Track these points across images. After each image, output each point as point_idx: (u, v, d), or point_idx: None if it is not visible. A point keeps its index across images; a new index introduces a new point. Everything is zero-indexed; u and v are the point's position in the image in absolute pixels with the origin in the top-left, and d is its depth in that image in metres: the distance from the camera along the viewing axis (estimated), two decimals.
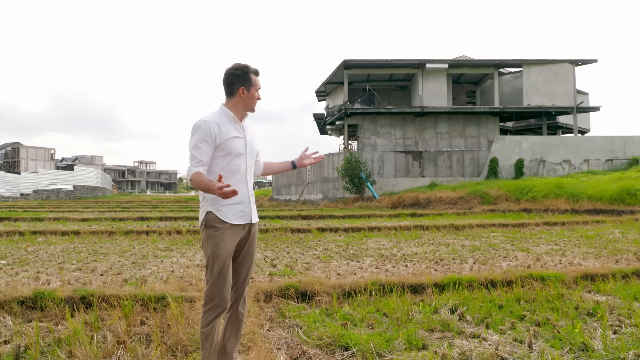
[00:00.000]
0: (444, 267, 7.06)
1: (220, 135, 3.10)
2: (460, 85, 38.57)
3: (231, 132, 3.15)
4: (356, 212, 19.74)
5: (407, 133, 32.06)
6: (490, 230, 12.50)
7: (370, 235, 11.47)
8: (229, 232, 3.13)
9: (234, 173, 3.18)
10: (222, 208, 3.13)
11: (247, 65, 3.22)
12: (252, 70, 3.22)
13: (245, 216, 3.20)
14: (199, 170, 3.04)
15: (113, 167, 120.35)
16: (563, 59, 32.01)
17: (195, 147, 3.07)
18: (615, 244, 9.40)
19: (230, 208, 3.14)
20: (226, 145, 3.12)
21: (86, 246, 9.45)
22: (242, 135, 3.21)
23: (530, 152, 29.92)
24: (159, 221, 15.76)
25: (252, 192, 3.34)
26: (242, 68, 3.20)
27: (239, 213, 3.17)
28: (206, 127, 3.07)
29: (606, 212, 17.27)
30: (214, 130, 3.08)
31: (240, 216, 3.17)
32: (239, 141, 3.18)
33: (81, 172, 51.37)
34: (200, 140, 3.07)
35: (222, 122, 3.14)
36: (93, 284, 5.70)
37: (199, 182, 3.03)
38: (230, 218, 3.13)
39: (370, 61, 31.85)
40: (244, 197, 3.20)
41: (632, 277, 5.84)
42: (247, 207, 3.23)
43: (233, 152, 3.15)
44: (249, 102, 3.24)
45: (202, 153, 3.06)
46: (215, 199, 3.12)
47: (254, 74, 3.22)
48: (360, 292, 5.12)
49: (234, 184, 3.09)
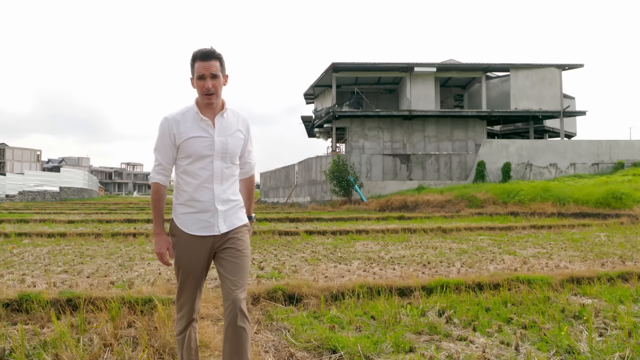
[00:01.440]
0: (432, 270, 7.08)
1: (178, 135, 2.79)
2: (448, 88, 38.76)
3: (191, 131, 2.79)
4: (344, 215, 19.76)
5: (395, 136, 32.14)
6: (478, 234, 12.56)
7: (358, 238, 11.48)
8: (190, 242, 2.83)
9: (195, 177, 2.82)
10: (182, 216, 2.86)
11: (196, 50, 2.82)
12: (194, 54, 2.81)
13: (208, 227, 2.82)
14: (157, 182, 2.86)
15: (100, 168, 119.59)
16: (550, 64, 32.27)
17: (156, 148, 2.86)
18: (601, 247, 9.48)
19: (189, 217, 2.84)
20: (185, 147, 2.79)
21: (72, 248, 9.38)
22: (207, 134, 2.81)
23: (518, 156, 30.11)
24: (146, 223, 15.68)
25: (233, 199, 2.93)
26: (192, 56, 2.83)
27: (199, 223, 2.82)
28: (165, 126, 2.81)
29: (592, 216, 17.42)
30: (172, 129, 2.79)
31: (201, 227, 2.82)
32: (201, 141, 2.79)
33: (67, 173, 51.02)
34: (160, 140, 2.83)
35: (184, 119, 2.81)
36: (79, 287, 5.65)
37: (152, 199, 2.88)
38: (189, 228, 2.82)
39: (358, 64, 31.90)
40: (207, 205, 2.81)
41: (618, 280, 5.89)
42: (213, 217, 2.83)
43: (193, 155, 2.79)
44: (197, 91, 2.85)
45: (162, 155, 2.84)
46: (177, 204, 2.88)
47: (197, 59, 2.79)
48: (348, 294, 5.12)
49: (193, 190, 2.81)
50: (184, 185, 2.83)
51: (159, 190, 2.88)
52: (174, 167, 2.90)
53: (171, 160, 2.85)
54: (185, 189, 2.82)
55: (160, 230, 2.87)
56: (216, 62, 2.78)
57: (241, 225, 2.96)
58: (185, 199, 2.83)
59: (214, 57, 2.78)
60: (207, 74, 2.75)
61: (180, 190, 2.86)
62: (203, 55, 2.76)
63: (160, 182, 2.87)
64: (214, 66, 2.77)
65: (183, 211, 2.84)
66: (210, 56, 2.77)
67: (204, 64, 2.75)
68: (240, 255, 2.90)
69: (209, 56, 2.77)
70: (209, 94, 2.77)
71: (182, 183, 2.84)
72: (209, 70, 2.75)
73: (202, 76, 2.75)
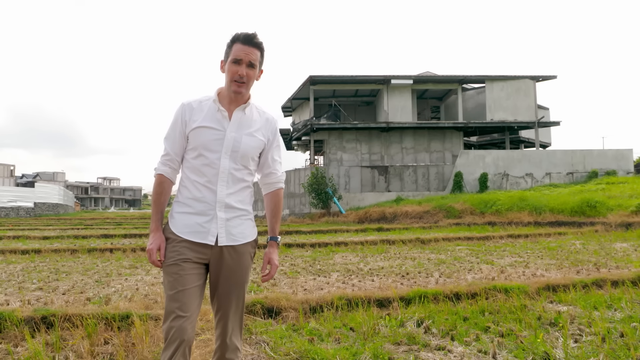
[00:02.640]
0: (410, 281, 7.11)
1: (190, 123, 2.50)
2: (425, 100, 39.15)
3: (203, 120, 2.49)
4: (323, 228, 19.75)
5: (373, 148, 32.34)
6: (456, 244, 12.65)
7: (336, 250, 11.48)
8: (182, 245, 2.47)
9: (199, 175, 2.50)
10: (176, 215, 2.53)
11: (239, 32, 2.51)
12: (236, 35, 2.49)
13: (203, 233, 2.46)
14: (162, 173, 2.56)
15: (76, 183, 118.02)
16: (524, 75, 32.82)
17: (166, 137, 2.58)
18: (577, 255, 9.61)
19: (183, 217, 2.50)
20: (193, 137, 2.50)
21: (47, 265, 9.23)
22: (219, 126, 2.49)
23: (494, 166, 30.45)
24: (123, 238, 15.50)
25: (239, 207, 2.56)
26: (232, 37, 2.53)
27: (194, 226, 2.47)
28: (179, 111, 2.54)
29: (568, 224, 17.66)
30: (185, 116, 2.52)
31: (193, 230, 2.47)
32: (210, 133, 2.48)
33: (42, 189, 50.22)
34: (172, 127, 2.56)
35: (200, 107, 2.53)
36: (55, 304, 5.56)
37: (154, 192, 2.59)
38: (180, 229, 2.49)
39: (336, 77, 32.09)
40: (206, 208, 2.48)
41: (592, 287, 5.98)
42: (210, 223, 2.47)
43: (199, 147, 2.48)
44: (225, 79, 2.53)
45: (171, 144, 2.55)
46: (176, 202, 2.57)
47: (238, 41, 2.47)
48: (326, 307, 5.12)
49: (195, 189, 2.50)
50: (187, 182, 2.54)
51: (162, 183, 2.57)
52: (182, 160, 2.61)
53: (180, 151, 2.56)
54: (188, 186, 2.53)
55: (156, 226, 2.54)
56: (257, 50, 2.50)
57: (245, 244, 2.59)
58: (185, 197, 2.52)
59: (257, 45, 2.50)
60: (245, 59, 2.46)
61: (182, 187, 2.57)
62: (246, 38, 2.47)
63: (165, 174, 2.57)
64: (254, 53, 2.48)
65: (179, 210, 2.53)
66: (253, 42, 2.48)
67: (244, 48, 2.46)
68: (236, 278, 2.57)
69: (252, 41, 2.48)
70: (240, 82, 2.47)
71: (185, 179, 2.55)
72: (248, 56, 2.46)
73: (238, 60, 2.46)
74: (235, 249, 2.53)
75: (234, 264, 2.54)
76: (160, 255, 2.49)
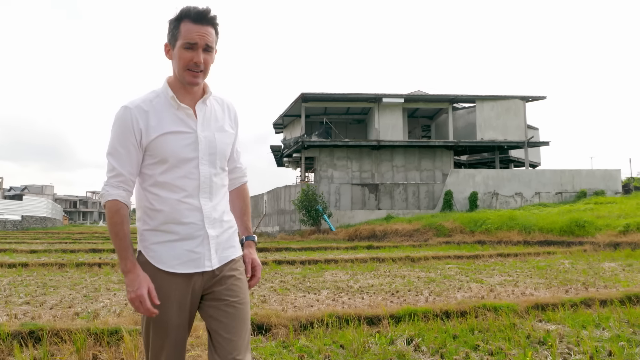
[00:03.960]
0: (400, 299, 7.11)
1: (147, 131, 1.96)
2: (416, 119, 39.38)
3: (165, 124, 1.98)
4: (313, 245, 19.72)
5: (363, 166, 32.42)
6: (446, 262, 12.66)
7: (326, 268, 11.47)
8: (169, 284, 1.99)
9: (174, 191, 2.00)
10: (155, 247, 2.02)
11: (186, 6, 1.97)
12: (184, 11, 1.95)
13: (195, 260, 2.01)
14: (116, 198, 1.99)
15: (64, 197, 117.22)
16: (514, 95, 33.10)
17: (110, 152, 1.99)
18: (565, 275, 9.65)
19: (166, 248, 2.01)
20: (157, 147, 1.97)
21: (35, 279, 9.15)
22: (188, 128, 2.02)
23: (484, 185, 30.59)
24: (112, 253, 15.36)
25: (226, 219, 2.16)
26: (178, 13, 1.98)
27: (182, 255, 2.00)
28: (126, 119, 1.96)
29: (557, 244, 17.75)
30: (138, 123, 1.96)
31: (185, 260, 2.00)
32: (180, 138, 1.99)
33: (30, 202, 49.84)
34: (118, 140, 1.97)
35: (154, 109, 1.99)
36: (42, 318, 5.52)
37: (111, 223, 1.99)
38: (166, 263, 2.00)
39: (327, 94, 32.23)
40: (193, 229, 2.02)
41: (581, 306, 6.01)
42: (201, 245, 2.03)
43: (170, 158, 1.98)
44: (175, 67, 2.02)
45: (121, 161, 1.98)
46: (147, 230, 2.05)
47: (187, 19, 1.95)
48: (316, 324, 5.11)
49: (172, 210, 2.00)
50: (158, 204, 2.01)
51: (119, 210, 1.99)
52: (137, 179, 2.08)
53: (136, 169, 2.02)
54: (160, 207, 2.00)
55: (132, 265, 1.95)
56: (212, 29, 1.99)
57: (237, 258, 2.19)
58: (160, 222, 2.01)
59: (212, 22, 1.99)
60: (201, 42, 1.95)
61: (150, 211, 2.03)
62: (199, 15, 1.94)
63: (120, 199, 1.99)
64: (210, 34, 1.98)
65: (157, 240, 2.02)
66: (207, 18, 1.96)
67: (197, 28, 1.94)
68: (238, 303, 2.10)
69: (206, 18, 1.96)
70: (197, 71, 1.99)
71: (154, 200, 2.02)
72: (203, 38, 1.95)
73: (192, 44, 1.95)
74: (228, 265, 2.13)
75: (233, 283, 2.12)
76: (153, 298, 1.95)
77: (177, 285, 1.99)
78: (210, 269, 2.04)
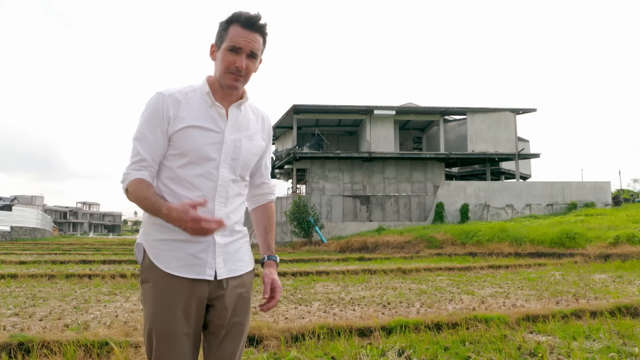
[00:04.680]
0: (391, 311, 7.11)
1: (175, 121, 1.89)
2: (407, 131, 39.54)
3: (194, 117, 1.91)
4: (304, 256, 19.69)
5: (355, 178, 32.46)
6: (437, 274, 12.68)
7: (318, 280, 11.45)
8: (171, 287, 1.87)
9: (189, 188, 1.90)
10: (157, 244, 1.91)
11: (238, 11, 1.92)
12: (235, 16, 1.91)
13: (196, 266, 1.88)
14: (139, 177, 1.88)
15: (54, 207, 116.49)
16: (505, 108, 33.31)
17: (138, 136, 1.92)
18: (556, 286, 9.69)
19: (168, 247, 1.89)
20: (180, 139, 1.89)
21: (24, 290, 9.07)
22: (216, 127, 1.94)
23: (475, 197, 30.69)
24: (102, 264, 15.29)
25: (237, 229, 2.06)
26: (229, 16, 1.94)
27: (186, 258, 1.88)
28: (158, 105, 1.90)
29: (547, 255, 17.82)
30: (168, 111, 1.90)
31: (185, 264, 1.88)
32: (205, 135, 1.91)
33: (20, 212, 49.49)
34: (147, 124, 1.91)
35: (187, 101, 1.93)
36: (32, 330, 5.47)
37: (140, 197, 1.86)
38: (166, 263, 1.88)
39: (319, 106, 32.30)
40: None
41: (571, 318, 6.03)
42: (205, 251, 1.90)
43: (190, 153, 1.89)
44: (217, 69, 1.97)
45: (146, 146, 1.90)
46: (152, 224, 1.93)
47: (237, 23, 1.91)
48: (308, 335, 5.10)
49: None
50: (170, 198, 1.91)
51: (143, 181, 1.88)
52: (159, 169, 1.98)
53: (160, 156, 1.93)
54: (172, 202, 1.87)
55: (168, 209, 1.77)
56: (260, 37, 1.95)
57: (247, 273, 2.07)
58: None
59: (261, 30, 1.94)
60: (246, 48, 1.91)
61: None
62: (248, 21, 1.90)
63: (144, 178, 1.89)
64: (257, 41, 1.94)
65: (161, 236, 1.91)
66: (256, 26, 1.92)
67: (244, 33, 1.90)
68: (240, 324, 2.02)
69: (256, 25, 1.92)
70: (238, 75, 1.93)
71: (166, 194, 1.92)
72: (249, 44, 1.91)
73: (237, 48, 1.90)
74: (236, 282, 2.00)
75: (236, 301, 2.00)
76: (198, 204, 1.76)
77: (180, 290, 1.86)
78: (212, 278, 1.90)
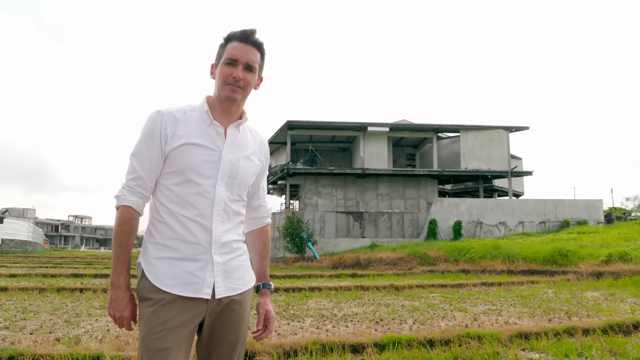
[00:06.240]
0: (384, 327, 7.08)
1: (172, 137, 1.91)
2: (401, 148, 39.70)
3: (192, 135, 1.92)
4: (297, 272, 19.62)
5: (348, 194, 32.48)
6: (430, 291, 12.65)
7: (310, 296, 11.40)
8: (170, 307, 1.84)
9: (186, 207, 1.90)
10: (155, 262, 1.89)
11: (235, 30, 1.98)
12: (232, 33, 1.97)
13: (196, 284, 1.86)
14: (130, 205, 1.90)
15: (46, 220, 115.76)
16: (498, 125, 33.51)
17: (135, 152, 1.93)
18: (549, 304, 9.69)
19: (167, 265, 1.87)
20: (177, 157, 1.90)
21: (14, 303, 8.99)
22: (213, 145, 1.94)
23: (468, 214, 30.75)
24: (94, 278, 15.18)
25: (236, 247, 2.02)
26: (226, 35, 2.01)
27: (183, 276, 1.86)
28: (156, 123, 1.91)
29: (540, 273, 17.83)
30: (166, 129, 1.91)
31: (182, 282, 1.85)
32: (202, 153, 1.91)
33: (11, 225, 49.12)
34: (145, 142, 1.92)
35: (186, 119, 1.94)
36: (22, 343, 5.42)
37: (118, 232, 1.90)
38: (163, 281, 1.85)
39: (313, 122, 32.40)
40: (197, 250, 1.89)
41: (564, 335, 6.03)
42: (203, 269, 1.88)
43: (186, 170, 1.89)
44: (216, 85, 2.01)
45: (143, 164, 1.91)
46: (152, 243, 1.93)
47: (234, 39, 1.96)
48: (301, 351, 5.07)
49: (180, 226, 1.89)
50: (168, 217, 1.91)
51: (131, 219, 1.91)
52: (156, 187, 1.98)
53: (155, 174, 1.94)
54: (169, 222, 1.91)
55: (124, 281, 1.89)
56: (257, 51, 2.00)
57: (245, 292, 2.06)
58: (167, 237, 1.90)
59: (257, 45, 1.99)
60: (242, 60, 1.94)
61: (159, 224, 1.94)
62: (244, 35, 1.96)
63: (134, 207, 1.91)
64: (253, 54, 1.98)
65: (159, 254, 1.90)
66: (251, 40, 1.97)
67: (241, 47, 1.94)
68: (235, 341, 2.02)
69: (251, 39, 1.97)
70: (236, 86, 1.95)
71: (164, 213, 1.93)
72: (245, 56, 1.95)
73: (233, 61, 1.94)
74: (235, 300, 1.98)
75: (234, 319, 2.00)
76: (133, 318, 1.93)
77: (175, 309, 1.84)
78: (209, 297, 1.89)
